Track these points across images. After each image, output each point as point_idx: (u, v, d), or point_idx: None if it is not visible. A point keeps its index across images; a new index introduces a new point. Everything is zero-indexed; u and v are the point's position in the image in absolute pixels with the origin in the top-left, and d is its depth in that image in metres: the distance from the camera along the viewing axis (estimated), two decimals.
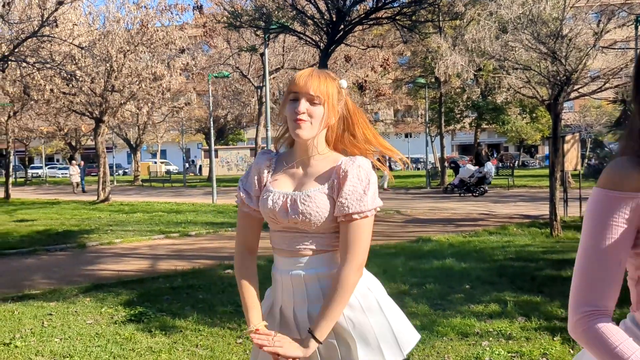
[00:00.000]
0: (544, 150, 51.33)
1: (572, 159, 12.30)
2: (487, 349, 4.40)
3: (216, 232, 12.26)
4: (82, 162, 31.90)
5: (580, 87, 11.00)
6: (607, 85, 10.76)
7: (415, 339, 2.01)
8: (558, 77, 10.07)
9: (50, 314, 5.73)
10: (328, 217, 1.88)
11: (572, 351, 4.31)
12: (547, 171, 15.62)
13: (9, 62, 12.26)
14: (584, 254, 1.30)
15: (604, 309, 1.28)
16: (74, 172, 29.55)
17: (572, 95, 11.06)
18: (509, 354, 4.29)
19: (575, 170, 13.13)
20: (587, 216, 1.31)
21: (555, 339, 4.57)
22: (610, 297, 1.28)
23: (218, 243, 10.88)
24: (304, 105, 1.88)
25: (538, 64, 10.48)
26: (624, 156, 1.31)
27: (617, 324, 1.31)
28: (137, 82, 19.49)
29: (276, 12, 10.81)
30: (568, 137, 12.43)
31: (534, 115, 34.64)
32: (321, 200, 1.88)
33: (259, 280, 2.05)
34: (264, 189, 2.00)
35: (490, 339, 4.63)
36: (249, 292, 2.05)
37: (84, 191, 28.84)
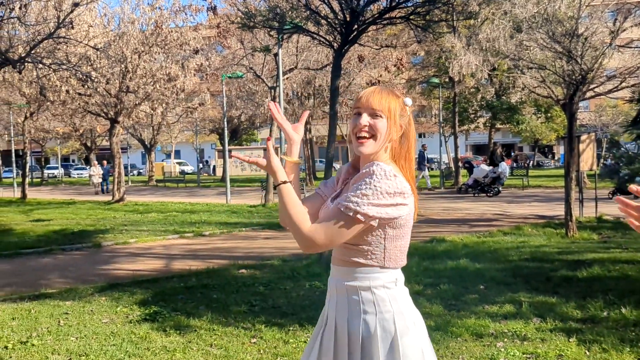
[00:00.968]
0: (559, 150, 50.92)
1: (587, 159, 12.19)
2: (502, 350, 4.37)
3: (230, 232, 12.30)
4: (105, 162, 30.74)
5: (596, 87, 10.89)
6: (624, 84, 10.65)
7: None
8: (573, 77, 9.99)
9: (67, 313, 5.78)
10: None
11: (587, 352, 4.28)
12: (562, 171, 15.51)
13: (26, 64, 12.39)
14: None
15: None
16: (95, 173, 28.77)
17: (588, 94, 10.96)
18: (524, 355, 4.26)
19: (591, 170, 13.02)
20: None
21: (571, 340, 4.54)
22: None
23: (232, 243, 10.91)
24: (365, 119, 1.93)
25: (553, 63, 10.40)
26: None
27: None
28: (152, 83, 19.60)
29: (290, 13, 10.81)
30: (584, 137, 12.32)
31: (549, 115, 34.35)
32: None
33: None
34: (332, 196, 2.05)
35: (505, 339, 4.60)
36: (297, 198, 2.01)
37: (103, 192, 28.17)
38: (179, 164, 57.16)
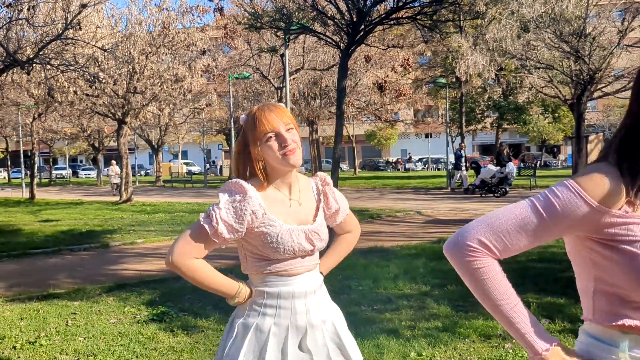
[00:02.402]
0: (567, 150, 50.73)
1: (595, 159, 12.15)
2: (510, 351, 4.36)
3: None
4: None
5: (604, 86, 10.85)
6: (632, 84, 10.60)
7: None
8: (581, 76, 9.95)
9: (75, 313, 5.80)
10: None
11: None
12: (569, 171, 15.43)
13: (34, 65, 12.45)
14: (523, 208, 1.38)
15: (497, 255, 1.41)
16: (114, 173, 27.73)
17: (596, 94, 10.93)
18: None
19: None
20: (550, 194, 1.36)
21: None
22: (509, 253, 1.41)
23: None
24: (288, 135, 1.96)
25: (560, 63, 10.37)
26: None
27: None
28: (159, 84, 19.66)
29: (297, 13, 10.83)
30: (591, 137, 12.29)
31: (556, 115, 34.25)
32: (324, 222, 2.15)
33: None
34: (261, 223, 1.96)
35: (514, 341, 4.59)
36: (211, 269, 2.06)
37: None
38: (186, 164, 57.32)
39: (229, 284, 2.06)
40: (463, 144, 25.23)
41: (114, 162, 29.33)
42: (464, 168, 23.50)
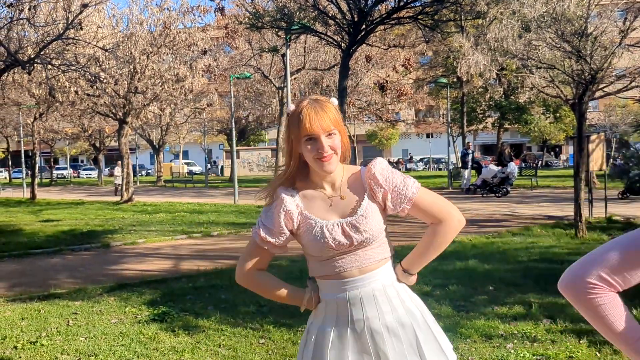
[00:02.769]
0: (568, 150, 50.71)
1: (597, 159, 12.12)
2: (512, 351, 4.35)
3: (238, 233, 12.31)
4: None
5: (606, 86, 10.82)
6: (633, 84, 10.58)
7: (451, 346, 2.09)
8: (583, 76, 9.94)
9: (76, 313, 5.80)
10: (382, 226, 2.00)
11: (598, 354, 4.25)
12: (570, 171, 15.43)
13: (35, 65, 12.45)
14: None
15: (618, 289, 1.38)
16: (119, 174, 26.45)
17: (597, 94, 10.90)
18: (534, 357, 4.24)
19: (600, 170, 12.94)
20: None
21: (581, 341, 4.50)
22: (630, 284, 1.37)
23: (240, 243, 10.92)
24: (326, 143, 1.94)
25: (562, 63, 10.35)
26: None
27: None
28: (160, 84, 19.67)
29: (298, 13, 10.82)
30: (593, 137, 12.25)
31: (558, 114, 34.23)
32: (373, 213, 1.98)
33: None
34: (302, 223, 2.00)
35: (515, 341, 4.58)
36: (275, 280, 2.12)
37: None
38: (187, 164, 57.34)
39: (295, 294, 2.10)
40: (470, 143, 25.18)
41: (119, 162, 28.86)
42: (469, 167, 23.45)
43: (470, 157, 23.35)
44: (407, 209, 2.00)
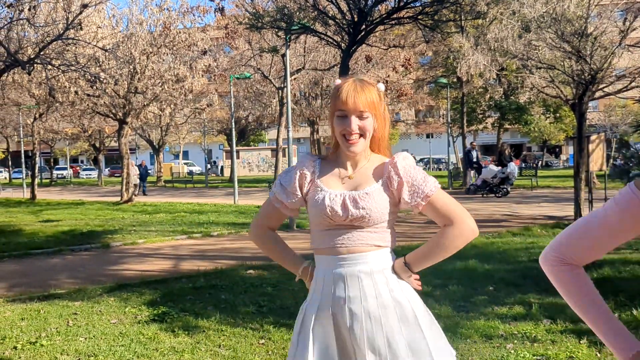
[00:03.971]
0: (568, 150, 50.71)
1: (597, 159, 12.12)
2: (512, 351, 4.34)
3: (238, 233, 12.31)
4: (144, 162, 28.73)
5: (606, 86, 10.83)
6: (633, 84, 10.58)
7: (448, 351, 2.02)
8: (583, 76, 9.94)
9: (75, 314, 5.80)
10: (385, 212, 1.97)
11: (598, 355, 4.24)
12: (570, 171, 15.43)
13: (35, 65, 12.45)
14: (592, 219, 1.48)
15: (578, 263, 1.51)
16: (133, 173, 25.59)
17: (597, 94, 10.91)
18: (534, 357, 4.23)
19: (600, 170, 12.95)
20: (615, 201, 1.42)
21: (581, 342, 4.50)
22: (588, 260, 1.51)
23: (240, 243, 10.92)
24: (355, 122, 1.94)
25: (562, 63, 10.35)
26: None
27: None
28: (160, 84, 19.67)
29: (297, 13, 10.82)
30: (593, 137, 12.26)
31: (558, 115, 34.23)
32: (379, 196, 1.97)
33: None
34: (311, 189, 2.04)
35: (515, 341, 4.57)
36: (281, 244, 2.17)
37: (145, 194, 26.45)
38: (186, 164, 57.33)
39: (295, 261, 2.16)
40: (474, 143, 25.16)
41: (132, 161, 27.69)
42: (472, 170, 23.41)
43: (474, 156, 23.31)
44: (423, 205, 1.99)
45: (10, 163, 46.92)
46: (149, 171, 57.91)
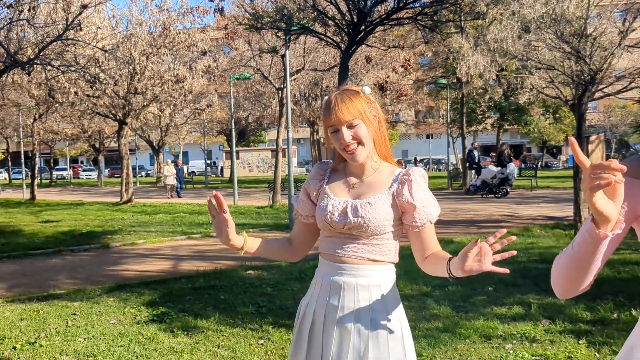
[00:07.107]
0: (568, 151, 50.70)
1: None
2: (511, 351, 4.35)
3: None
4: (180, 162, 27.48)
5: (605, 87, 10.82)
6: (633, 84, 10.58)
7: None
8: (582, 77, 9.94)
9: (75, 314, 5.80)
10: (385, 224, 1.94)
11: (597, 355, 4.24)
12: (570, 172, 15.42)
13: (35, 66, 12.45)
14: None
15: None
16: (169, 173, 24.76)
17: (597, 95, 10.90)
18: (533, 357, 4.23)
19: None
20: None
21: (580, 342, 4.50)
22: None
23: None
24: (346, 133, 1.94)
25: (562, 64, 10.35)
26: None
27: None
28: (160, 85, 19.66)
29: (297, 14, 10.82)
30: (593, 138, 12.26)
31: (557, 115, 34.24)
32: (382, 206, 1.94)
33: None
34: (320, 195, 2.08)
35: (514, 341, 4.58)
36: (272, 243, 2.22)
37: (179, 196, 24.92)
38: (175, 164, 57.20)
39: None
40: (476, 144, 25.17)
41: (169, 160, 26.42)
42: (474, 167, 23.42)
43: (476, 156, 23.32)
44: (422, 230, 1.97)
45: (10, 164, 46.91)
46: (149, 172, 58.13)
